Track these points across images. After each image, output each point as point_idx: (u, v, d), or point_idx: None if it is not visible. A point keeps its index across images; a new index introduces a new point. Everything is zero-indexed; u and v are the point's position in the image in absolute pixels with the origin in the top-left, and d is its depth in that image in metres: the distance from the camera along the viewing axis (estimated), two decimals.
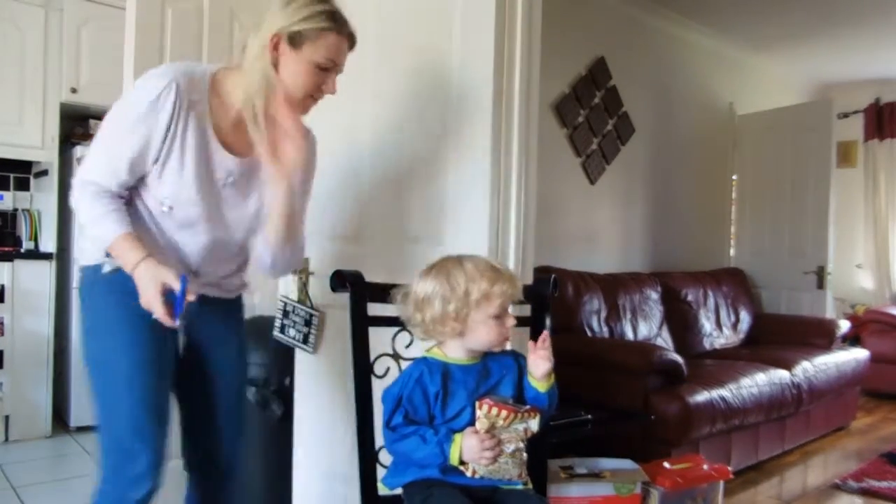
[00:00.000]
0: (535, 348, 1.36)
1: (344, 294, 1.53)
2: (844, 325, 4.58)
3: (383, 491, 1.48)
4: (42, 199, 3.87)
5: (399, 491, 1.41)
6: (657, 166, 4.71)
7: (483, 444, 1.27)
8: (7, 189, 3.91)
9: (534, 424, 1.32)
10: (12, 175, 3.93)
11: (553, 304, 1.61)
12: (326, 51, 1.44)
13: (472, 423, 1.31)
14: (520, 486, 1.36)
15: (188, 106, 1.41)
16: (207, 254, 1.54)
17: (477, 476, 1.30)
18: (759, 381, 3.40)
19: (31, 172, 3.97)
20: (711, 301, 4.51)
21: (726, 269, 5.02)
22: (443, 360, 1.39)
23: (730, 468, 2.67)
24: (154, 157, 1.42)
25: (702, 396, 3.02)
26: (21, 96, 3.64)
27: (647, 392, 2.97)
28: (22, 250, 3.71)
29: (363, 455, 1.48)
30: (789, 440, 3.72)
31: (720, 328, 4.49)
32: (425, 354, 1.43)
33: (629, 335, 3.81)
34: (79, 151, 3.62)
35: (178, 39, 2.22)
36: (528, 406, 1.34)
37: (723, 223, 5.48)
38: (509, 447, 1.30)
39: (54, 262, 3.64)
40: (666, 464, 2.57)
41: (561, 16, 3.70)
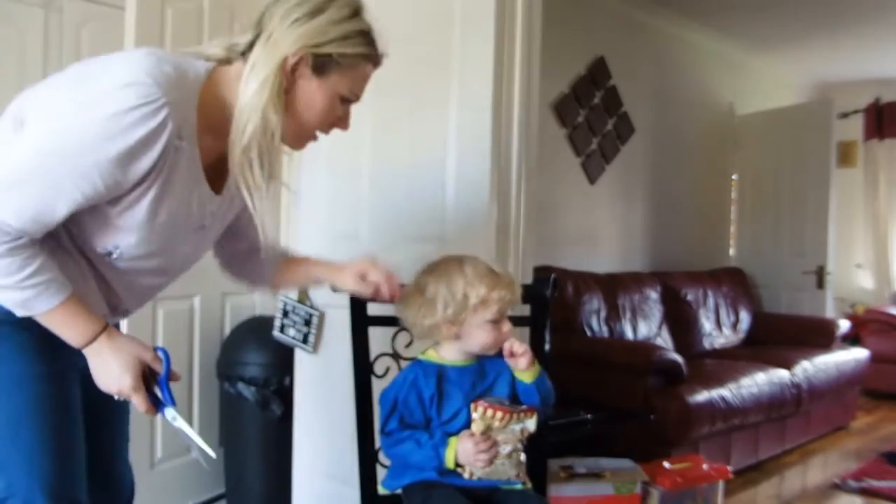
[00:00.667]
0: (508, 356, 1.33)
1: (344, 294, 1.53)
2: (844, 325, 4.58)
3: (383, 491, 1.48)
4: None
5: (399, 492, 1.41)
6: (657, 166, 4.71)
7: (478, 447, 1.27)
8: None
9: (531, 424, 1.31)
10: None
11: (553, 304, 1.61)
12: (356, 83, 1.15)
13: (469, 425, 1.31)
14: (519, 486, 1.36)
15: (175, 145, 1.03)
16: (143, 292, 1.25)
17: (474, 478, 1.30)
18: (759, 381, 3.40)
19: None
20: (711, 301, 4.51)
21: (726, 269, 5.01)
22: (438, 363, 1.38)
23: (730, 468, 2.68)
24: (114, 205, 1.05)
25: (702, 396, 3.02)
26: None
27: (647, 392, 2.97)
28: None
29: (363, 455, 1.48)
30: (789, 440, 3.72)
31: (720, 328, 4.49)
32: (420, 357, 1.42)
33: (629, 335, 3.80)
34: None
35: (178, 40, 2.22)
36: (525, 406, 1.33)
37: (723, 223, 5.48)
38: (506, 448, 1.29)
39: None
40: (666, 464, 2.57)
41: (561, 16, 3.70)
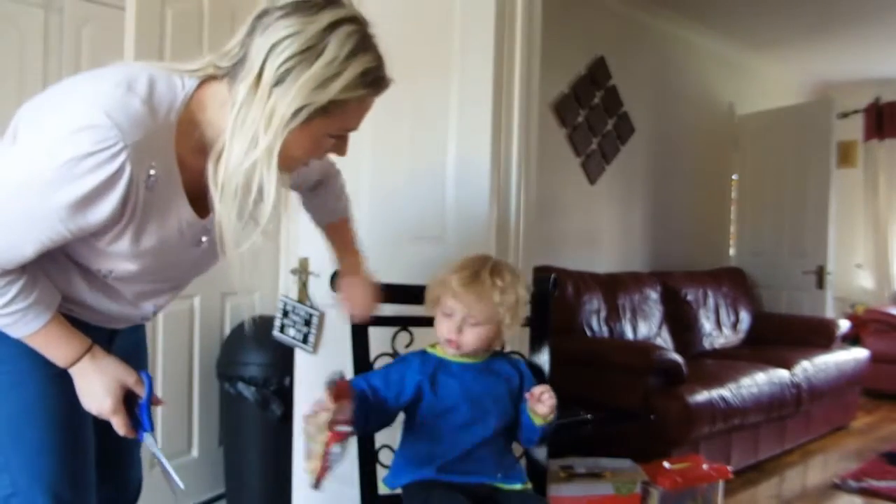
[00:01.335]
0: (534, 400, 1.32)
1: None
2: (844, 325, 4.58)
3: (383, 491, 1.48)
4: None
5: (399, 491, 1.41)
6: (657, 166, 4.71)
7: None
8: None
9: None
10: None
11: (553, 305, 1.61)
12: (352, 121, 1.08)
13: (468, 422, 1.32)
14: (517, 486, 1.36)
15: (146, 181, 0.97)
16: (157, 297, 1.23)
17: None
18: (759, 381, 3.40)
19: None
20: (711, 301, 4.51)
21: (726, 269, 5.01)
22: (439, 356, 1.40)
23: (730, 468, 2.68)
24: (96, 238, 1.02)
25: (702, 396, 3.02)
26: (21, 96, 3.63)
27: (647, 392, 2.97)
28: None
29: (363, 455, 1.48)
30: (789, 440, 3.72)
31: (720, 328, 4.49)
32: (425, 348, 1.44)
33: (629, 335, 3.80)
34: None
35: (178, 40, 2.22)
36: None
37: (723, 223, 5.48)
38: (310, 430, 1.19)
39: None
40: (666, 464, 2.57)
41: (561, 16, 3.70)
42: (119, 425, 1.11)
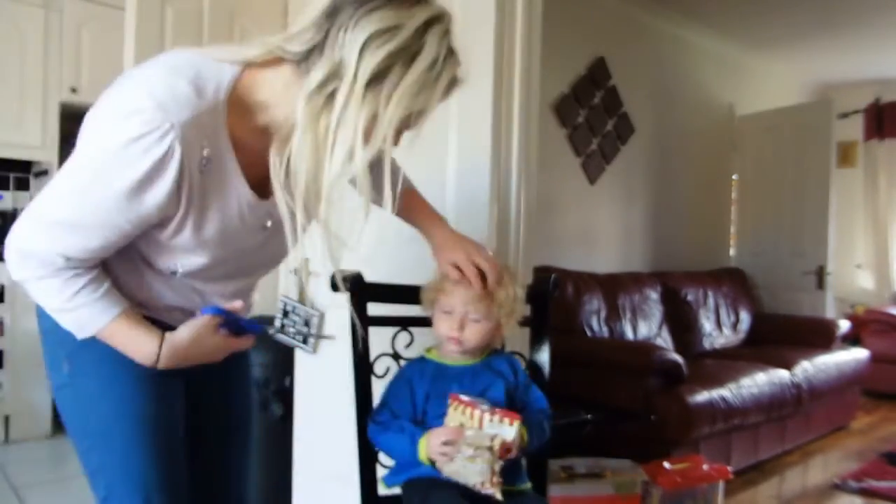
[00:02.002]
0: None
1: (344, 294, 1.53)
2: (844, 325, 4.58)
3: (383, 491, 1.48)
4: None
5: (398, 490, 1.41)
6: (657, 166, 4.71)
7: (439, 443, 1.24)
8: (7, 189, 3.91)
9: (508, 433, 1.22)
10: (12, 175, 3.92)
11: (553, 305, 1.61)
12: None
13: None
14: (515, 486, 1.35)
15: (199, 163, 0.97)
16: (240, 292, 1.23)
17: (443, 475, 1.25)
18: (759, 381, 3.40)
19: (31, 172, 3.97)
20: (711, 301, 4.51)
21: (726, 269, 5.02)
22: (437, 361, 1.39)
23: (730, 468, 2.67)
24: (159, 230, 1.03)
25: (702, 396, 3.02)
26: (21, 96, 3.64)
27: (647, 392, 2.97)
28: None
29: (363, 455, 1.48)
30: (789, 440, 3.72)
31: (720, 328, 4.49)
32: (423, 354, 1.44)
33: (629, 335, 3.80)
34: None
35: (178, 40, 2.22)
36: (505, 410, 1.26)
37: (723, 223, 5.48)
38: (468, 451, 1.21)
39: None
40: (666, 464, 2.57)
41: (561, 16, 3.70)
42: (239, 346, 1.11)
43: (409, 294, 1.49)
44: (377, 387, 1.48)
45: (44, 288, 1.01)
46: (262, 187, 1.07)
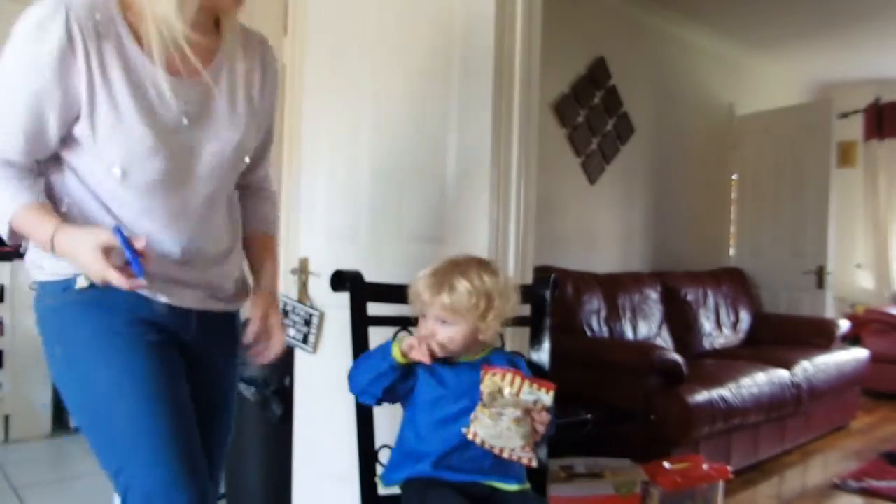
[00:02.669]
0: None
1: (344, 294, 1.53)
2: (844, 325, 4.58)
3: (383, 491, 1.48)
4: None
5: (398, 490, 1.41)
6: (657, 166, 4.71)
7: (418, 336, 1.31)
8: None
9: (546, 398, 1.28)
10: None
11: (553, 304, 1.61)
12: None
13: (449, 418, 1.33)
14: (515, 486, 1.36)
15: (95, 34, 1.08)
16: (186, 225, 1.22)
17: (478, 440, 1.28)
18: (759, 381, 3.40)
19: None
20: (711, 301, 4.51)
21: (726, 269, 5.01)
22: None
23: (730, 468, 2.67)
24: (71, 114, 1.11)
25: (702, 396, 3.02)
26: None
27: (647, 392, 2.97)
28: (21, 250, 3.71)
29: (363, 455, 1.48)
30: (789, 440, 3.72)
31: (720, 328, 4.49)
32: None
33: (629, 335, 3.81)
34: None
35: None
36: (541, 379, 1.32)
37: (723, 223, 5.48)
38: (513, 413, 1.26)
39: None
40: (666, 464, 2.57)
41: (561, 16, 3.70)
42: (113, 278, 1.08)
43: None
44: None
45: None
46: (172, 72, 1.16)
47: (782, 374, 3.59)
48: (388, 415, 1.50)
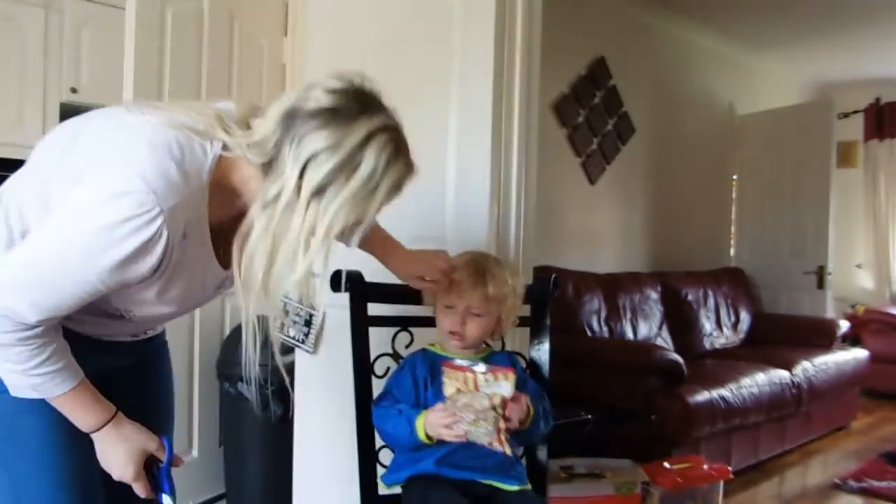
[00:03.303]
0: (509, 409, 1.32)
1: (344, 294, 1.53)
2: (844, 325, 4.58)
3: (383, 491, 1.48)
4: None
5: (398, 490, 1.41)
6: (657, 166, 4.71)
7: (440, 419, 1.28)
8: None
9: (505, 388, 1.27)
10: (12, 175, 3.93)
11: (553, 305, 1.61)
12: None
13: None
14: (515, 486, 1.35)
15: (179, 242, 1.01)
16: (160, 321, 1.28)
17: (455, 441, 1.28)
18: (760, 381, 3.40)
19: None
20: (711, 301, 4.51)
21: (726, 269, 5.01)
22: (439, 353, 1.42)
23: (730, 468, 2.68)
24: (123, 288, 1.04)
25: (702, 396, 3.02)
26: (21, 96, 3.63)
27: (648, 392, 2.97)
28: None
29: (363, 455, 1.48)
30: (789, 440, 3.72)
31: (720, 328, 4.49)
32: (426, 346, 1.46)
33: (629, 335, 3.80)
34: None
35: (178, 40, 2.22)
36: (495, 367, 1.30)
37: (723, 223, 5.48)
38: (469, 416, 1.26)
39: None
40: (666, 464, 2.57)
41: (561, 16, 3.69)
42: (140, 490, 1.11)
43: (409, 294, 1.49)
44: (377, 387, 1.48)
45: (5, 353, 1.00)
46: (225, 256, 1.10)
47: (782, 375, 3.59)
48: None
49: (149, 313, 1.13)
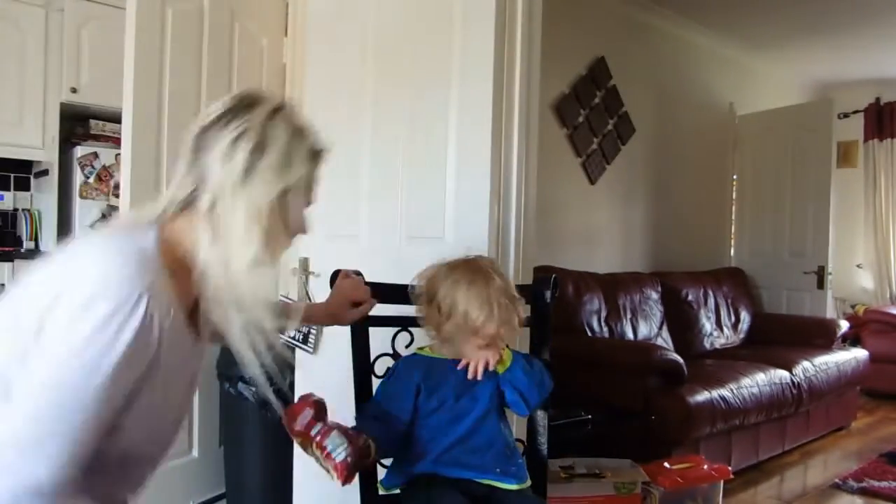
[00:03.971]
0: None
1: None
2: (844, 325, 4.58)
3: (383, 491, 1.48)
4: (42, 199, 3.87)
5: (398, 490, 1.42)
6: (657, 166, 4.71)
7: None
8: (7, 189, 3.91)
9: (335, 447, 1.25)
10: (12, 175, 3.92)
11: (553, 305, 1.61)
12: (316, 189, 1.13)
13: (454, 417, 1.35)
14: (515, 486, 1.35)
15: (170, 332, 0.96)
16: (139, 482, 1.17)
17: None
18: (760, 381, 3.39)
19: (32, 172, 3.97)
20: (711, 301, 4.51)
21: (726, 269, 5.01)
22: (429, 356, 1.41)
23: (730, 468, 2.68)
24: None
25: (702, 396, 3.02)
26: (21, 96, 3.64)
27: (648, 392, 2.97)
28: (22, 250, 3.71)
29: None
30: (789, 440, 3.72)
31: (720, 328, 4.49)
32: (416, 351, 1.46)
33: (629, 335, 3.80)
34: (79, 151, 3.62)
35: (178, 40, 2.22)
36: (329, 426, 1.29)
37: (723, 223, 5.48)
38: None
39: None
40: (666, 464, 2.57)
41: (561, 16, 3.70)
42: None
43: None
44: (377, 387, 1.48)
45: None
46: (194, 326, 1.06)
47: (782, 375, 3.59)
48: None
49: (143, 451, 1.05)
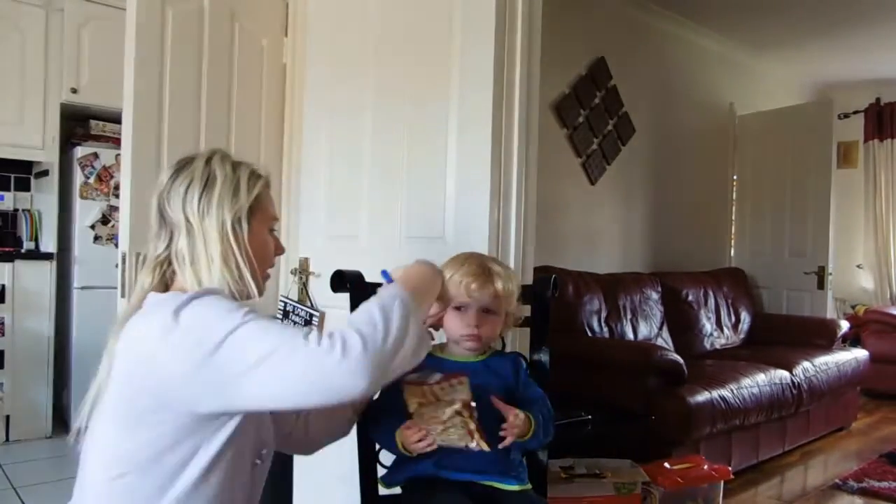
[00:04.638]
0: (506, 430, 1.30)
1: (344, 294, 1.53)
2: (844, 326, 4.58)
3: (383, 491, 1.48)
4: (42, 200, 3.87)
5: (398, 490, 1.41)
6: (657, 166, 4.71)
7: (412, 438, 1.26)
8: (7, 189, 3.91)
9: (462, 393, 1.23)
10: (13, 175, 3.93)
11: (553, 305, 1.61)
12: (273, 207, 1.29)
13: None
14: (515, 486, 1.35)
15: None
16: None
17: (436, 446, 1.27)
18: (760, 382, 3.39)
19: (32, 173, 3.97)
20: (712, 301, 4.51)
21: (726, 269, 5.02)
22: (438, 356, 1.40)
23: (730, 468, 2.68)
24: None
25: (702, 396, 3.02)
26: (21, 96, 3.64)
27: (648, 392, 2.97)
28: (22, 250, 3.71)
29: (363, 455, 1.48)
30: (789, 440, 3.72)
31: (720, 328, 4.49)
32: None
33: (629, 335, 3.80)
34: (79, 152, 3.62)
35: (179, 40, 2.22)
36: (448, 375, 1.25)
37: (723, 223, 5.48)
38: (437, 427, 1.24)
39: (55, 263, 3.64)
40: (666, 464, 2.57)
41: (561, 16, 3.70)
42: None
43: None
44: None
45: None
46: None
47: (782, 375, 3.59)
48: None
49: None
